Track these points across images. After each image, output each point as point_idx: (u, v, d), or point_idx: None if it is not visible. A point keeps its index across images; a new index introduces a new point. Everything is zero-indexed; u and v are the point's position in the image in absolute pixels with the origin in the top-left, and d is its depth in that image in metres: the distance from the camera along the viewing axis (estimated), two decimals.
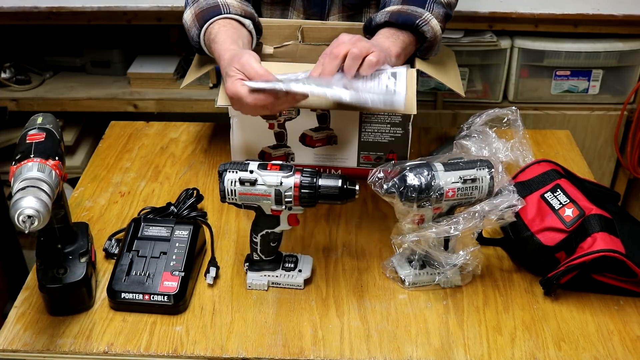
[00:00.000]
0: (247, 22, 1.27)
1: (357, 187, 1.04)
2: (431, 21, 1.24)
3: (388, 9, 1.26)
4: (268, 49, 1.40)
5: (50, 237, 1.07)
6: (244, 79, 1.09)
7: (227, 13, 1.25)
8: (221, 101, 1.20)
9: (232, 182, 1.03)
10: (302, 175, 1.03)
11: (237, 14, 1.26)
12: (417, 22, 1.22)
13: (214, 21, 1.25)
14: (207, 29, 1.25)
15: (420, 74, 1.29)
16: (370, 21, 1.27)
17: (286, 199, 1.03)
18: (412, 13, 1.23)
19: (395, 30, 1.23)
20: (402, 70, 1.14)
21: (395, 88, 1.11)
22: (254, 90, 1.07)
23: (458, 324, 1.07)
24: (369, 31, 1.28)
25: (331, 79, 1.10)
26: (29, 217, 0.89)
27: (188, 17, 1.30)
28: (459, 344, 1.03)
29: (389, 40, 1.21)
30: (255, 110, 1.10)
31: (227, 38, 1.21)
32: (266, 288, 1.12)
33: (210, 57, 1.31)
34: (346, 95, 1.07)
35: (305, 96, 1.11)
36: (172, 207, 1.26)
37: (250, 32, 1.27)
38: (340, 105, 1.23)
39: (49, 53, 2.31)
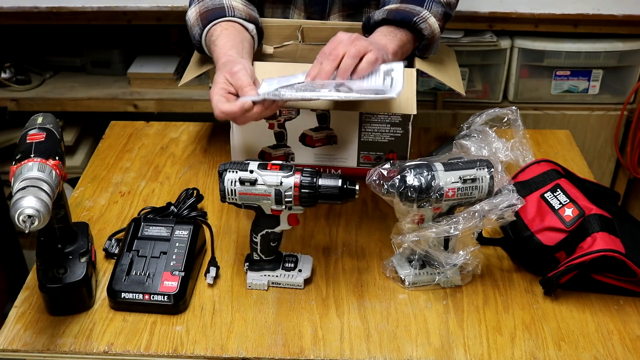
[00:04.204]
0: (251, 26, 1.27)
1: (357, 187, 1.04)
2: (429, 19, 1.24)
3: (386, 7, 1.26)
4: (268, 49, 1.40)
5: (50, 237, 1.07)
6: (227, 89, 1.09)
7: (231, 16, 1.25)
8: None
9: (232, 182, 1.03)
10: (302, 175, 1.03)
11: (241, 17, 1.26)
12: (415, 19, 1.22)
13: (217, 23, 1.25)
14: (209, 29, 1.25)
15: (420, 73, 1.29)
16: (368, 19, 1.28)
17: (286, 199, 1.03)
18: (410, 11, 1.23)
19: (393, 28, 1.23)
20: (398, 66, 1.13)
21: (392, 82, 1.10)
22: (226, 104, 1.07)
23: (458, 324, 1.07)
24: (367, 29, 1.28)
25: (325, 82, 1.09)
26: (29, 216, 0.89)
27: (192, 15, 1.30)
28: (459, 343, 1.03)
29: (387, 38, 1.21)
30: (221, 117, 1.10)
31: (227, 42, 1.21)
32: (266, 288, 1.12)
33: (209, 56, 1.31)
34: (339, 96, 1.06)
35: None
36: (172, 207, 1.26)
37: (252, 36, 1.28)
38: (338, 105, 1.24)
39: (49, 53, 2.32)
